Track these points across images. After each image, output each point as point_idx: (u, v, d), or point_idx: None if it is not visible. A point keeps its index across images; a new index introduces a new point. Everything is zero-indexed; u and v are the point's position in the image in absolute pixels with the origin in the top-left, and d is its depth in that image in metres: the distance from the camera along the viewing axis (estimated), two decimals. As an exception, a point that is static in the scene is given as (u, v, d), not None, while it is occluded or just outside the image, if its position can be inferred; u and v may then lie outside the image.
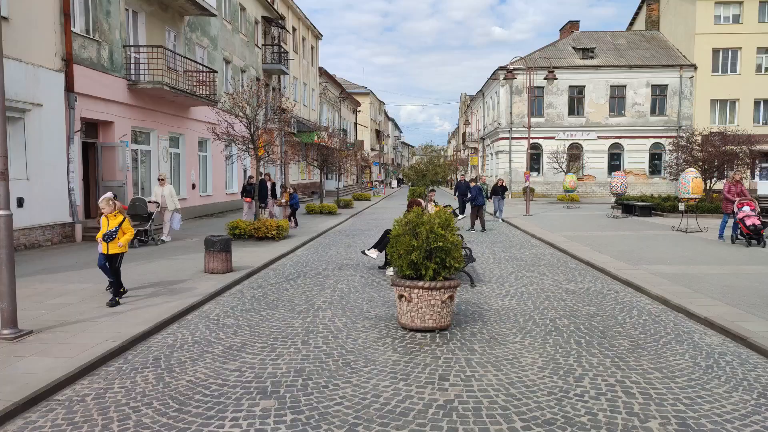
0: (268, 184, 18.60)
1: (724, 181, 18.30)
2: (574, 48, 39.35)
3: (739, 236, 13.69)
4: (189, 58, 19.54)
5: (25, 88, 12.15)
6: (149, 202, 13.84)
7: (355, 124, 61.29)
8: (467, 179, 26.51)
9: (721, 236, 14.38)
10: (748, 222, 13.30)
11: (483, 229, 18.24)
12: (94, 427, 4.11)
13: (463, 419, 4.22)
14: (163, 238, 14.13)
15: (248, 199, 18.46)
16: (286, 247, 13.40)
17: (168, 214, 14.20)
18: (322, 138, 33.64)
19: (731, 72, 36.53)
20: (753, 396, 4.69)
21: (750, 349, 5.88)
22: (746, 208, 13.57)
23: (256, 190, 17.21)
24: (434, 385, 4.89)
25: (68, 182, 13.83)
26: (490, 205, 22.90)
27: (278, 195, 19.68)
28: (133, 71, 16.73)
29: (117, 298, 7.51)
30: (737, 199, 13.81)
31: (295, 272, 10.59)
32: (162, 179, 14.53)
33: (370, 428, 4.07)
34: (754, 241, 13.32)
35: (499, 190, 21.87)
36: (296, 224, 18.35)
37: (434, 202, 14.54)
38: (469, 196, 19.26)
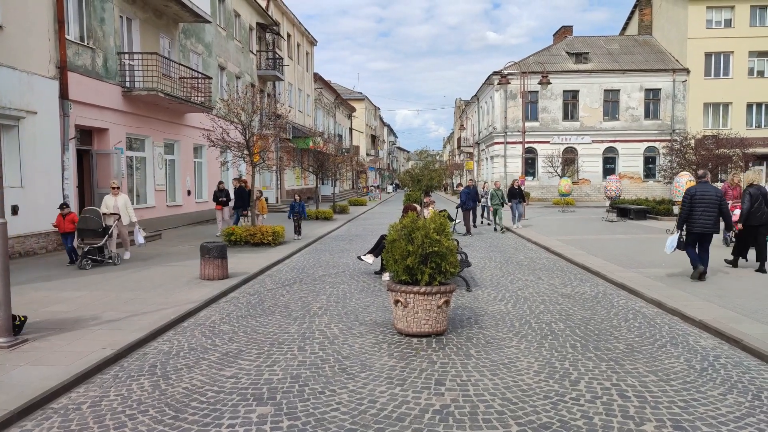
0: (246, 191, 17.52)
1: (722, 183, 18.35)
2: (567, 53, 39.58)
3: (733, 239, 13.71)
4: (184, 65, 19.56)
5: (19, 96, 12.13)
6: (110, 214, 11.92)
7: (351, 129, 61.39)
8: (475, 184, 24.53)
9: (723, 238, 14.38)
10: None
11: (468, 233, 18.31)
12: (90, 435, 4.10)
13: (460, 424, 4.23)
14: (125, 256, 12.25)
15: (219, 207, 17.60)
16: (282, 253, 13.39)
17: (125, 228, 12.37)
18: (318, 143, 33.71)
19: (724, 76, 36.81)
20: (747, 398, 4.71)
21: (744, 351, 5.91)
22: (738, 211, 13.60)
23: (251, 198, 17.05)
24: (430, 390, 4.89)
25: (63, 189, 13.79)
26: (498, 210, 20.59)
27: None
28: (127, 78, 16.73)
29: None
30: (730, 202, 13.70)
31: (291, 278, 10.59)
32: (116, 187, 12.44)
33: (366, 434, 4.07)
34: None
35: (517, 193, 20.16)
36: (299, 232, 16.92)
37: (433, 208, 14.53)
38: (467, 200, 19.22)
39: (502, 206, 19.55)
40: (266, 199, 29.72)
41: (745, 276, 9.96)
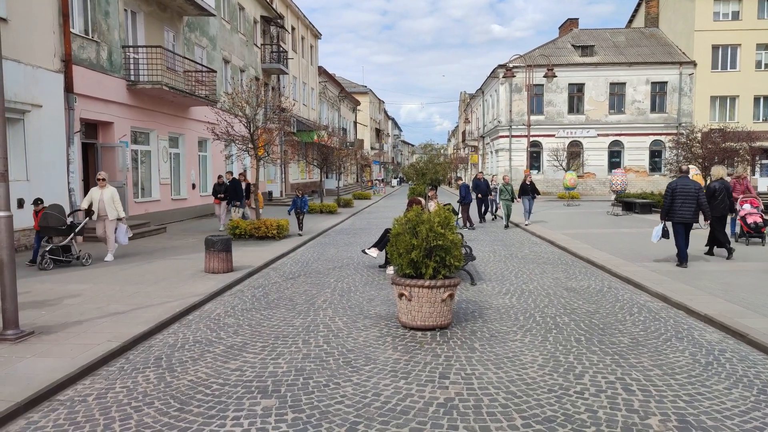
0: (243, 184, 17.22)
1: (728, 178, 18.10)
2: (573, 45, 39.33)
3: (741, 234, 13.49)
4: (188, 58, 19.55)
5: (24, 89, 12.15)
6: (80, 210, 11.11)
7: (355, 123, 61.30)
8: (485, 177, 22.49)
9: (732, 232, 14.03)
10: (750, 220, 13.15)
11: (472, 227, 18.28)
12: (96, 427, 4.12)
13: (464, 417, 4.23)
14: (106, 257, 11.10)
15: (217, 201, 17.11)
16: (287, 246, 13.41)
17: (111, 225, 11.21)
18: (322, 137, 33.66)
19: (731, 68, 36.54)
20: (753, 392, 4.69)
21: (750, 345, 5.89)
22: (747, 206, 13.40)
23: (245, 191, 16.94)
24: (435, 383, 4.90)
25: (68, 183, 13.84)
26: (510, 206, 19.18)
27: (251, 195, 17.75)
28: (132, 71, 16.74)
29: None
30: (740, 196, 13.62)
31: (296, 271, 10.61)
32: (102, 179, 11.41)
33: (370, 427, 4.08)
34: (756, 239, 13.23)
35: (528, 189, 18.98)
36: (301, 228, 16.25)
37: (436, 200, 14.51)
38: (468, 194, 19.15)
39: (512, 201, 18.77)
40: (270, 193, 29.78)
41: (751, 270, 9.92)
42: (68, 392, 4.78)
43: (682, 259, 10.42)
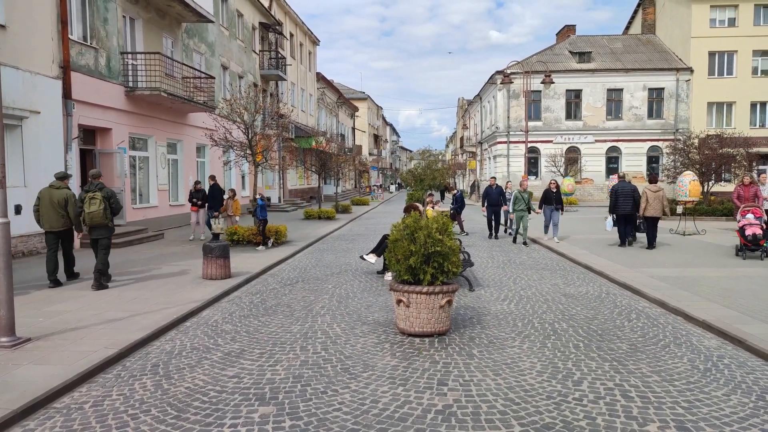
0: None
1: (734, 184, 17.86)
2: (570, 52, 39.48)
3: (740, 248, 12.30)
4: (186, 65, 19.58)
5: (22, 96, 12.15)
6: None
7: (353, 129, 61.37)
8: (498, 183, 18.40)
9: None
10: (748, 231, 11.95)
11: (464, 232, 18.33)
12: (92, 434, 4.10)
13: (462, 424, 4.21)
14: None
15: (195, 208, 15.92)
16: (285, 252, 13.39)
17: None
18: (320, 143, 33.71)
19: (727, 75, 36.66)
20: (751, 399, 4.69)
21: (748, 351, 5.89)
22: (750, 216, 12.24)
23: (233, 197, 16.49)
24: (433, 390, 4.88)
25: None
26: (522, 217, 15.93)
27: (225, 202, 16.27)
28: (130, 78, 16.75)
29: None
30: (742, 205, 12.76)
31: (294, 278, 10.59)
32: None
33: (368, 434, 4.06)
34: (754, 253, 12.02)
35: (553, 197, 15.73)
36: (265, 243, 14.16)
37: (432, 205, 14.54)
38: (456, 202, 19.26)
39: (529, 212, 15.79)
40: (268, 199, 29.70)
41: (749, 276, 9.93)
42: (65, 400, 4.76)
43: (622, 242, 13.99)
